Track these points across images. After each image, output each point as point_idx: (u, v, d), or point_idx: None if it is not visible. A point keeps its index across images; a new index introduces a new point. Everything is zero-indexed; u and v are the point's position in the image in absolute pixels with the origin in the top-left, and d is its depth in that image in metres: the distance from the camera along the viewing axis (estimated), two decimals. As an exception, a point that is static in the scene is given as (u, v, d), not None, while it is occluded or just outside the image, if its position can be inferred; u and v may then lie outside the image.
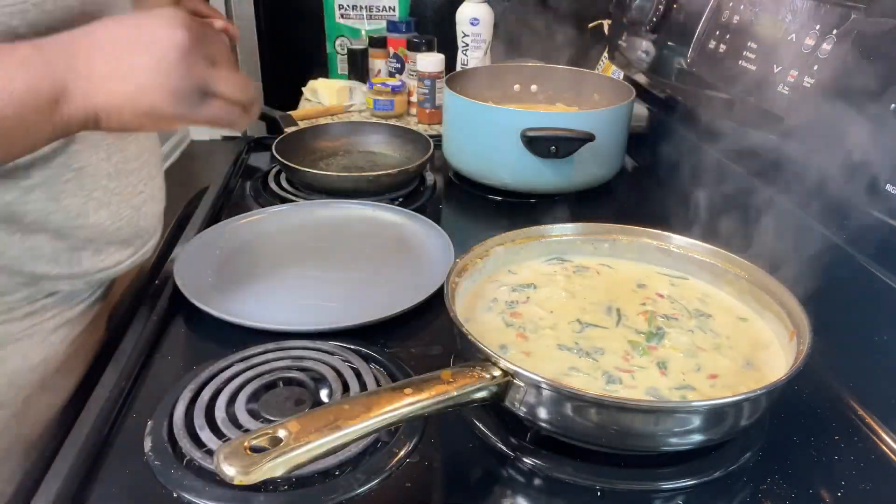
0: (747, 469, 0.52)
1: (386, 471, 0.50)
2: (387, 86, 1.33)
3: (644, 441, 0.50)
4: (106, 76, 0.48)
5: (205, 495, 0.47)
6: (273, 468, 0.38)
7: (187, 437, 0.52)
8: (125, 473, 0.50)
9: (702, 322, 0.62)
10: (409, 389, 0.45)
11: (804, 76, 0.65)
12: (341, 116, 1.35)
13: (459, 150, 1.02)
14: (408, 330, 0.67)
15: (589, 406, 0.48)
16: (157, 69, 0.48)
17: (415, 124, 1.31)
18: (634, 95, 0.99)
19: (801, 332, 0.55)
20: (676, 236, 0.69)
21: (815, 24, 0.66)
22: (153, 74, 0.48)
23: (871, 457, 0.54)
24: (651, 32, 1.02)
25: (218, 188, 0.97)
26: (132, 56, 0.48)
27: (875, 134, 0.55)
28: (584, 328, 0.60)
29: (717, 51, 0.82)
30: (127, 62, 0.48)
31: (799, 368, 0.50)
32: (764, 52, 0.72)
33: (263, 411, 0.55)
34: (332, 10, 1.54)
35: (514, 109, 1.03)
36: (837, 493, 0.50)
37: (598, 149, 0.93)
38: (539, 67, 1.21)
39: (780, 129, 0.68)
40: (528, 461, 0.52)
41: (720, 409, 0.49)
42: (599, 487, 0.50)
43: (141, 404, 0.57)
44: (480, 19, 1.36)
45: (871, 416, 0.57)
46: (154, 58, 0.48)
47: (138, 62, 0.48)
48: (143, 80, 0.48)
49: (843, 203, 0.61)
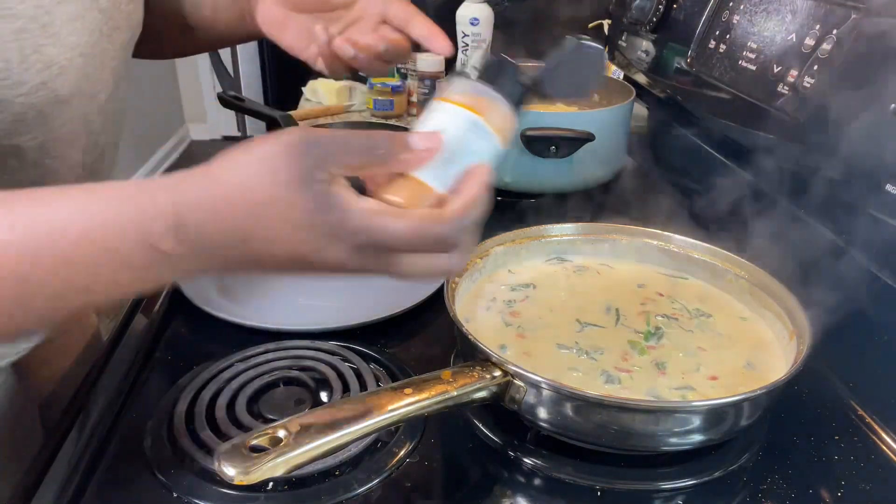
0: (747, 469, 0.52)
1: (386, 471, 0.50)
2: (387, 86, 1.33)
3: (644, 441, 0.50)
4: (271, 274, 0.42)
5: (205, 495, 0.47)
6: (273, 468, 0.38)
7: (187, 437, 0.52)
8: (125, 473, 0.50)
9: (702, 322, 0.62)
10: (409, 389, 0.45)
11: (804, 76, 0.65)
12: (341, 116, 1.35)
13: (459, 150, 1.02)
14: (408, 330, 0.67)
15: (589, 406, 0.48)
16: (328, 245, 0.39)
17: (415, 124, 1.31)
18: (634, 95, 0.99)
19: (801, 332, 0.55)
20: (676, 236, 0.69)
21: (815, 24, 0.65)
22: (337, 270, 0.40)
23: (871, 457, 0.54)
24: (651, 32, 1.02)
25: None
26: (302, 271, 0.40)
27: (875, 134, 0.55)
28: (583, 328, 0.60)
29: (717, 51, 0.82)
30: (297, 273, 0.41)
31: (799, 368, 0.50)
32: (764, 52, 0.72)
33: (263, 411, 0.55)
34: (333, 10, 1.54)
35: (514, 109, 1.03)
36: (837, 493, 0.50)
37: (598, 149, 0.92)
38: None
39: (779, 129, 0.68)
40: (528, 461, 0.52)
41: (720, 409, 0.49)
42: (599, 487, 0.50)
43: (141, 404, 0.57)
44: (480, 19, 1.36)
45: (871, 416, 0.57)
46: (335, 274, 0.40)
47: (312, 271, 0.40)
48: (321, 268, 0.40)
49: (844, 203, 0.61)
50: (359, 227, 0.38)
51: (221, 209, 0.37)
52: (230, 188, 0.37)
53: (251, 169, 0.38)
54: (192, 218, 0.37)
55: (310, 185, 0.37)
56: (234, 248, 0.37)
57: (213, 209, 0.37)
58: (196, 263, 0.38)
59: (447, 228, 0.40)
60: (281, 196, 0.37)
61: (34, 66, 0.49)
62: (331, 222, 0.37)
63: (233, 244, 0.37)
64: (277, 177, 0.37)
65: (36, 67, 0.49)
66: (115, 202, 0.37)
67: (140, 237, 0.36)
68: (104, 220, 0.37)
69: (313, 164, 0.37)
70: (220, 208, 0.37)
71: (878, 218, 0.56)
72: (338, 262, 0.38)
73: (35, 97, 0.50)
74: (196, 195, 0.37)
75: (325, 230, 0.37)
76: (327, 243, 0.38)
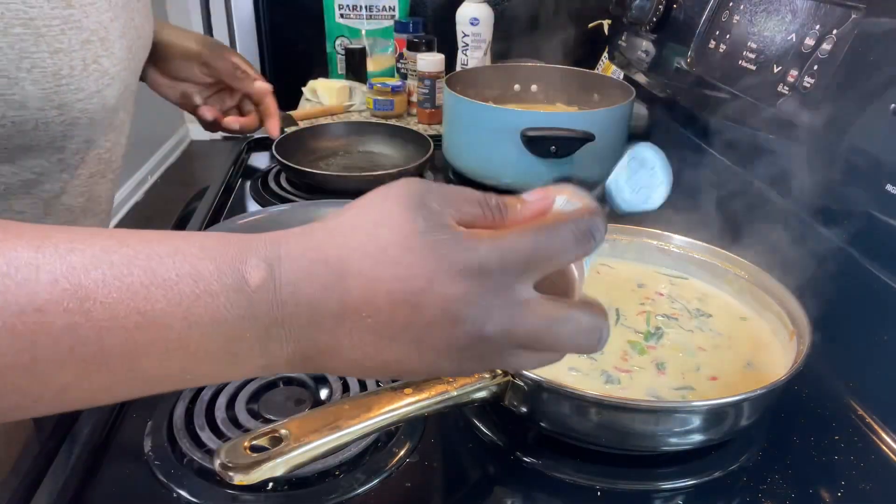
0: (747, 469, 0.52)
1: (386, 471, 0.50)
2: (387, 86, 1.33)
3: (644, 441, 0.50)
4: (360, 358, 0.32)
5: (205, 495, 0.47)
6: (273, 468, 0.38)
7: (187, 437, 0.52)
8: (125, 473, 0.50)
9: (702, 322, 0.62)
10: (409, 389, 0.45)
11: (804, 76, 0.65)
12: (341, 116, 1.35)
13: (459, 150, 1.02)
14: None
15: (589, 406, 0.48)
16: (445, 360, 0.32)
17: (415, 124, 1.31)
18: (634, 95, 0.99)
19: (801, 332, 0.55)
20: (676, 236, 0.69)
21: (815, 24, 0.65)
22: (439, 364, 0.33)
23: (871, 457, 0.54)
24: (651, 32, 1.02)
25: (218, 188, 0.97)
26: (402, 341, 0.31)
27: (875, 134, 0.55)
28: (584, 328, 0.60)
29: (717, 51, 0.82)
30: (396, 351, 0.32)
31: (799, 368, 0.50)
32: (764, 52, 0.72)
33: (263, 411, 0.55)
34: (332, 10, 1.54)
35: (514, 109, 1.03)
36: (837, 493, 0.50)
37: (598, 149, 0.92)
38: (539, 67, 1.21)
39: (779, 130, 0.68)
40: (528, 461, 0.52)
41: (720, 409, 0.49)
42: (599, 487, 0.50)
43: (141, 404, 0.57)
44: (480, 19, 1.35)
45: (871, 416, 0.57)
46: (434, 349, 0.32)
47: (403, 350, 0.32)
48: (417, 367, 0.33)
49: (844, 203, 0.61)
50: (475, 241, 0.31)
51: (326, 234, 0.32)
52: (329, 221, 0.33)
53: (352, 208, 0.33)
54: (291, 246, 0.31)
55: (420, 208, 0.32)
56: (329, 288, 0.30)
57: (318, 234, 0.32)
58: (280, 308, 0.30)
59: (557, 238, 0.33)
60: (386, 215, 0.31)
61: (93, 74, 0.54)
62: (443, 240, 0.31)
63: (328, 280, 0.30)
64: (383, 201, 0.32)
65: (94, 76, 0.54)
66: (206, 236, 0.32)
67: (232, 261, 0.30)
68: (192, 244, 0.31)
69: (428, 194, 0.32)
70: (324, 234, 0.32)
71: (878, 218, 0.56)
72: (450, 298, 0.30)
73: (90, 103, 0.55)
74: (294, 231, 0.33)
75: (436, 250, 0.31)
76: (438, 270, 0.30)
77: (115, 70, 0.58)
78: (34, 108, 0.51)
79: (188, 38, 0.86)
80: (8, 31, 0.48)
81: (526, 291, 0.32)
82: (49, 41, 0.50)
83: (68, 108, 0.53)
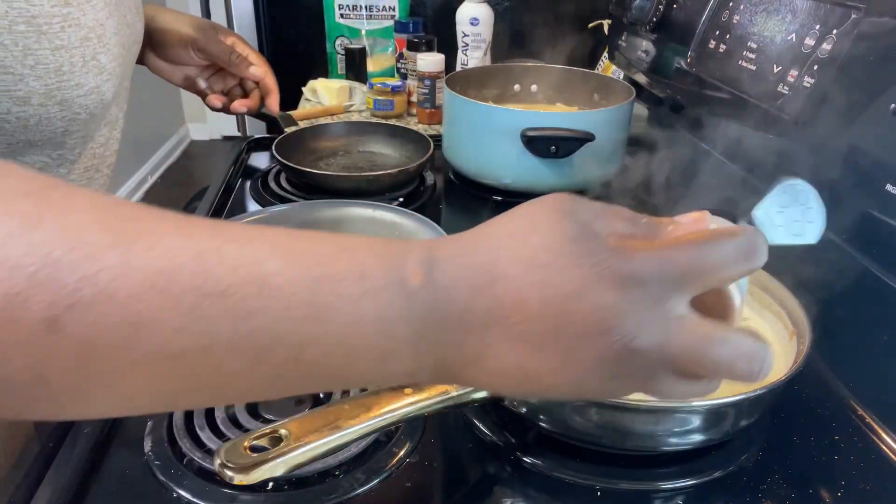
0: (747, 469, 0.52)
1: (386, 471, 0.50)
2: (387, 86, 1.33)
3: (644, 441, 0.50)
4: (503, 369, 0.31)
5: (205, 495, 0.47)
6: (273, 468, 0.38)
7: (187, 437, 0.52)
8: (125, 473, 0.50)
9: (702, 322, 0.62)
10: (409, 389, 0.45)
11: (804, 76, 0.65)
12: (341, 116, 1.35)
13: (459, 150, 1.02)
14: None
15: (589, 406, 0.48)
16: (591, 376, 0.31)
17: (415, 124, 1.31)
18: (634, 95, 0.99)
19: (801, 332, 0.55)
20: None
21: (815, 24, 0.65)
22: (584, 381, 0.31)
23: (871, 457, 0.54)
24: (651, 32, 1.02)
25: (218, 188, 0.97)
26: (549, 352, 0.30)
27: (875, 134, 0.55)
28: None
29: (717, 51, 0.82)
30: (541, 362, 0.30)
31: (799, 368, 0.50)
32: (764, 52, 0.72)
33: (263, 411, 0.55)
34: (332, 10, 1.54)
35: (514, 109, 1.03)
36: (837, 493, 0.50)
37: (598, 149, 0.93)
38: (539, 67, 1.21)
39: (779, 129, 0.68)
40: (528, 461, 0.52)
41: (720, 409, 0.49)
42: (599, 487, 0.50)
43: (141, 404, 0.57)
44: (480, 19, 1.36)
45: (871, 416, 0.57)
46: (581, 362, 0.30)
47: (550, 362, 0.30)
48: (560, 383, 0.31)
49: (844, 203, 0.61)
50: (631, 249, 0.30)
51: (476, 239, 0.32)
52: (480, 228, 0.33)
53: (503, 217, 0.33)
54: (445, 250, 0.31)
55: (571, 215, 0.31)
56: (479, 291, 0.30)
57: (469, 239, 0.32)
58: (435, 310, 0.30)
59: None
60: (537, 223, 0.31)
61: (92, 70, 0.56)
62: (596, 247, 0.30)
63: (479, 284, 0.30)
64: (534, 209, 0.32)
65: (93, 72, 0.56)
66: (366, 238, 0.33)
67: (394, 262, 0.31)
68: (356, 243, 0.32)
69: (579, 206, 0.32)
70: (475, 239, 0.32)
71: (878, 218, 0.56)
72: (601, 306, 0.29)
73: (89, 99, 0.57)
74: (446, 237, 0.33)
75: (589, 257, 0.30)
76: (591, 276, 0.29)
77: (112, 66, 0.60)
78: (37, 103, 0.53)
79: (183, 22, 0.87)
80: (12, 28, 0.50)
81: (682, 307, 0.30)
82: (50, 38, 0.52)
83: (69, 103, 0.55)
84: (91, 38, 0.56)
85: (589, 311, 0.29)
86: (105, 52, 0.58)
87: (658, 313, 0.30)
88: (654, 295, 0.30)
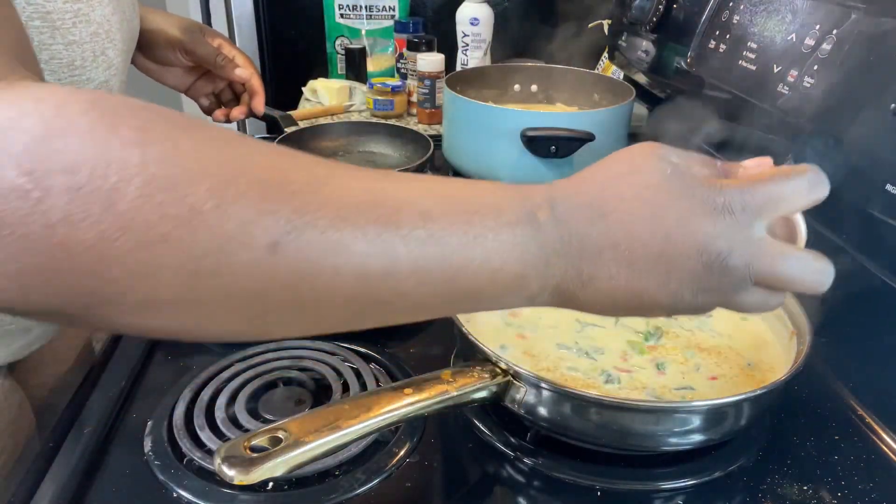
0: (747, 469, 0.52)
1: (386, 471, 0.50)
2: (387, 86, 1.33)
3: (644, 441, 0.50)
4: (612, 289, 0.36)
5: (205, 495, 0.47)
6: (273, 468, 0.38)
7: (187, 437, 0.52)
8: (125, 473, 0.50)
9: (702, 322, 0.62)
10: (409, 389, 0.45)
11: (804, 76, 0.65)
12: (341, 116, 1.35)
13: (459, 150, 1.02)
14: (408, 330, 0.67)
15: (589, 406, 0.48)
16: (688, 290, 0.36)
17: (415, 124, 1.31)
18: (634, 95, 0.99)
19: (801, 332, 0.55)
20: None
21: (815, 24, 0.65)
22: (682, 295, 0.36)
23: (871, 457, 0.54)
24: (651, 32, 1.02)
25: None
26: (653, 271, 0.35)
27: (875, 134, 0.55)
28: (583, 328, 0.60)
29: (717, 51, 0.82)
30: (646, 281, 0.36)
31: (799, 368, 0.50)
32: (764, 52, 0.72)
33: (263, 411, 0.55)
34: (332, 10, 1.54)
35: (514, 109, 1.03)
36: (837, 493, 0.50)
37: (598, 149, 0.92)
38: (539, 67, 1.21)
39: (779, 129, 0.68)
40: (528, 461, 0.52)
41: (720, 409, 0.49)
42: (599, 487, 0.50)
43: (141, 404, 0.57)
44: (480, 19, 1.36)
45: (871, 416, 0.57)
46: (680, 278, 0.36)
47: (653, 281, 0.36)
48: (663, 298, 0.36)
49: (844, 203, 0.61)
50: (719, 185, 0.36)
51: (584, 182, 0.38)
52: (587, 172, 0.39)
53: (604, 162, 0.39)
54: (560, 192, 0.37)
55: (665, 158, 0.37)
56: (593, 223, 0.36)
57: (578, 182, 0.38)
58: (558, 240, 0.35)
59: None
60: (637, 165, 0.37)
61: (101, 65, 0.58)
62: (690, 183, 0.36)
63: (592, 217, 0.36)
64: (632, 154, 0.38)
65: (102, 67, 0.58)
66: (496, 184, 0.38)
67: (523, 201, 0.36)
68: (490, 186, 0.37)
69: (669, 151, 0.38)
70: (583, 182, 0.38)
71: (878, 218, 0.56)
72: (699, 231, 0.35)
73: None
74: (560, 181, 0.39)
75: (685, 191, 0.36)
76: (688, 207, 0.35)
77: (118, 61, 0.61)
78: None
79: (171, 24, 0.88)
80: (28, 24, 0.51)
81: (762, 231, 0.36)
82: (63, 33, 0.54)
83: None
84: (100, 33, 0.58)
85: (688, 235, 0.35)
86: (112, 47, 0.60)
87: (746, 236, 0.35)
88: (741, 221, 0.35)
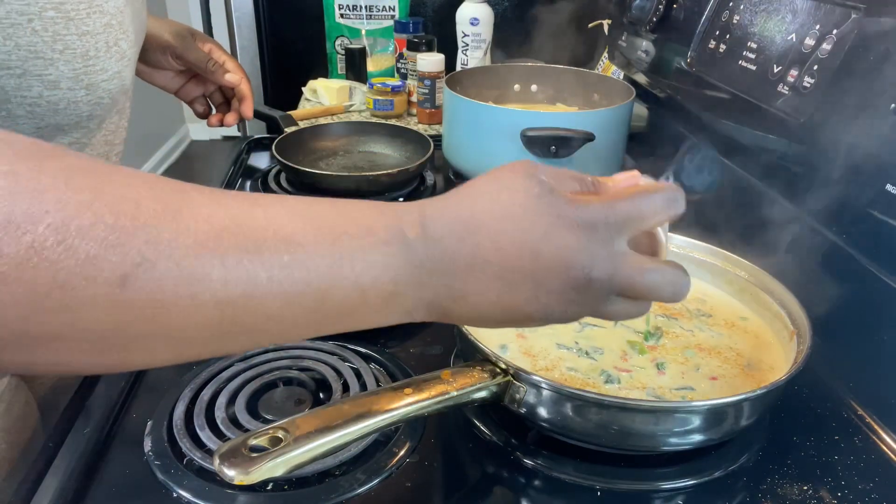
0: (747, 469, 0.52)
1: (386, 471, 0.50)
2: (387, 86, 1.33)
3: (644, 441, 0.50)
4: (484, 304, 0.38)
5: (205, 495, 0.47)
6: (273, 468, 0.38)
7: (187, 437, 0.52)
8: (125, 473, 0.50)
9: (702, 322, 0.62)
10: (409, 389, 0.45)
11: (804, 76, 0.65)
12: (341, 116, 1.35)
13: (459, 150, 1.02)
14: (408, 330, 0.67)
15: (589, 406, 0.48)
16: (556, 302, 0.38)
17: (415, 124, 1.31)
18: (634, 95, 0.99)
19: (801, 332, 0.55)
20: (676, 236, 0.69)
21: (815, 24, 0.65)
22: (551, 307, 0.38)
23: (871, 457, 0.54)
24: (651, 32, 1.02)
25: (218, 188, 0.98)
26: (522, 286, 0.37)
27: (875, 134, 0.55)
28: (583, 328, 0.60)
29: (717, 51, 0.82)
30: (515, 295, 0.37)
31: (799, 368, 0.50)
32: (764, 52, 0.72)
33: (263, 411, 0.55)
34: (332, 10, 1.54)
35: (514, 109, 1.03)
36: (837, 493, 0.50)
37: (598, 149, 0.92)
38: (539, 67, 1.21)
39: (779, 129, 0.68)
40: (528, 461, 0.52)
41: (720, 409, 0.49)
42: (599, 487, 0.50)
43: (141, 404, 0.57)
44: (480, 19, 1.36)
45: (871, 416, 0.57)
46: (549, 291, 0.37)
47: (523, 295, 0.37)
48: (533, 311, 0.38)
49: (844, 203, 0.61)
50: (584, 202, 0.38)
51: (456, 200, 0.39)
52: (461, 188, 0.40)
53: (477, 181, 0.40)
54: (432, 210, 0.38)
55: (534, 177, 0.38)
56: (463, 240, 0.37)
57: (450, 201, 0.39)
58: (429, 258, 0.36)
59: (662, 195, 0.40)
60: (506, 184, 0.38)
61: (114, 55, 0.59)
62: (556, 201, 0.37)
63: (462, 234, 0.37)
64: (501, 173, 0.39)
65: (115, 58, 0.59)
66: (366, 203, 0.39)
67: (395, 220, 0.37)
68: (361, 205, 0.38)
69: (538, 169, 0.39)
70: (454, 200, 0.39)
71: (878, 218, 0.56)
72: (564, 246, 0.36)
73: (112, 84, 0.59)
74: (432, 198, 0.40)
75: (551, 209, 0.37)
76: (554, 224, 0.37)
77: (131, 52, 0.62)
78: (66, 87, 0.55)
79: (163, 28, 0.89)
80: (42, 14, 0.52)
81: (624, 245, 0.38)
82: (77, 24, 0.54)
83: (94, 87, 0.57)
84: (113, 24, 0.58)
85: (554, 250, 0.36)
86: (125, 37, 0.61)
87: (608, 251, 0.37)
88: (604, 236, 0.37)
